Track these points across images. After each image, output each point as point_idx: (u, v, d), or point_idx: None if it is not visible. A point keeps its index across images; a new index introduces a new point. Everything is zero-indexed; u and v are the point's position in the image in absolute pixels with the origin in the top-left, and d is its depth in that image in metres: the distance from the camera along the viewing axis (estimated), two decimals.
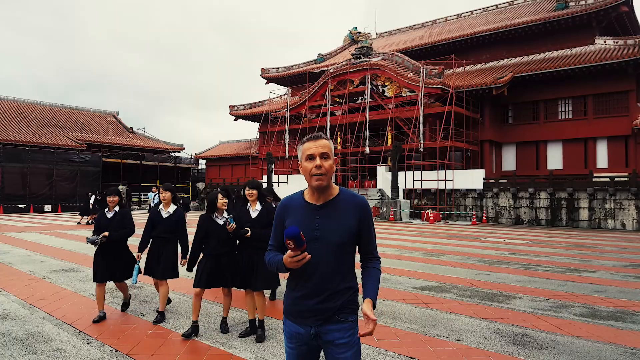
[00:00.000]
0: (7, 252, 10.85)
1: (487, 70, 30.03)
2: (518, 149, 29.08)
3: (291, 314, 2.07)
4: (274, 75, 43.29)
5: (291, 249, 1.86)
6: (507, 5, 37.22)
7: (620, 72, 24.68)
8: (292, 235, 1.82)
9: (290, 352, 2.10)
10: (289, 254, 1.88)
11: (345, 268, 2.04)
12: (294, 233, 1.82)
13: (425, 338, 4.58)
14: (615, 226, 21.61)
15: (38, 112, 46.03)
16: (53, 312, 5.44)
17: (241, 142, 49.41)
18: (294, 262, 1.88)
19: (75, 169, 35.37)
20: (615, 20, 28.42)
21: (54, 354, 4.08)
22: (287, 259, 1.89)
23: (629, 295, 6.66)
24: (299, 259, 1.87)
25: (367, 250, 2.12)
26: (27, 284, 7.05)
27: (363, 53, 31.91)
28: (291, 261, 1.88)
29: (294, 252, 1.86)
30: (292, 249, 1.85)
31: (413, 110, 26.82)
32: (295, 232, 1.82)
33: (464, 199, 26.28)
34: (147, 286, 6.94)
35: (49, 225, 19.98)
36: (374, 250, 2.14)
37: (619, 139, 25.52)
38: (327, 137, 2.09)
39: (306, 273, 1.99)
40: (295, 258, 1.87)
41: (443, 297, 6.40)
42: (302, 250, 1.86)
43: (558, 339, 4.59)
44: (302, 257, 1.87)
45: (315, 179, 1.99)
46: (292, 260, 1.88)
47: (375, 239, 2.15)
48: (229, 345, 4.33)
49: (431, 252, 11.57)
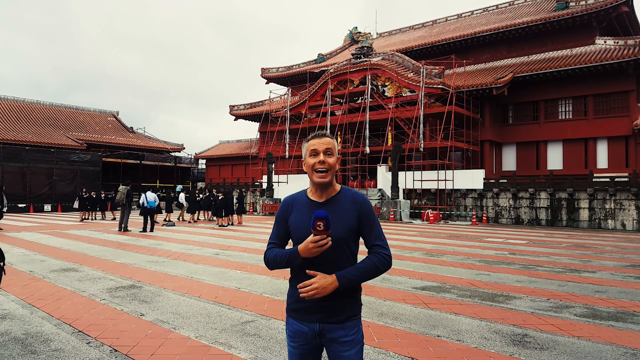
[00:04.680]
0: (7, 251, 10.83)
1: (487, 70, 30.03)
2: (518, 149, 29.07)
3: (294, 311, 2.07)
4: (274, 75, 43.29)
5: (318, 233, 1.87)
6: (507, 5, 37.22)
7: (620, 72, 24.68)
8: (323, 216, 1.85)
9: (293, 351, 2.09)
10: (314, 239, 1.88)
11: (348, 264, 2.03)
12: (325, 214, 1.85)
13: (425, 338, 4.57)
14: (615, 226, 21.60)
15: (38, 111, 46.04)
16: (52, 312, 5.42)
17: (241, 142, 49.40)
18: (316, 247, 1.88)
19: (75, 169, 35.37)
20: (616, 20, 28.42)
21: (53, 353, 4.07)
22: (309, 245, 1.89)
23: (630, 296, 6.65)
24: (323, 244, 1.88)
25: (370, 244, 2.09)
26: (26, 284, 7.04)
27: (363, 53, 31.92)
28: (314, 246, 1.88)
29: (320, 235, 1.87)
30: (320, 232, 1.87)
31: (413, 110, 26.81)
32: (326, 214, 1.85)
33: (464, 199, 26.28)
34: (146, 286, 6.93)
35: (49, 225, 19.98)
36: (375, 245, 2.05)
37: (619, 139, 25.52)
38: (331, 135, 2.11)
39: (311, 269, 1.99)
40: (321, 242, 1.87)
41: (443, 298, 6.39)
42: (328, 234, 1.88)
43: (558, 340, 4.58)
44: (326, 241, 1.88)
45: (318, 175, 2.02)
46: (316, 245, 1.88)
47: (383, 234, 2.08)
48: (228, 345, 4.31)
49: (431, 252, 11.56)
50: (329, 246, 1.90)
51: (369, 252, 2.07)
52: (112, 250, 11.23)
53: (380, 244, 2.04)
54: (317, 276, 1.95)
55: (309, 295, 1.92)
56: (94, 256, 10.15)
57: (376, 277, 2.06)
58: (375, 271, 2.01)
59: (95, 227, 18.63)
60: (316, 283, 1.92)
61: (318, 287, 1.92)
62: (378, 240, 2.05)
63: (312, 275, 1.97)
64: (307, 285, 1.94)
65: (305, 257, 1.94)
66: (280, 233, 2.13)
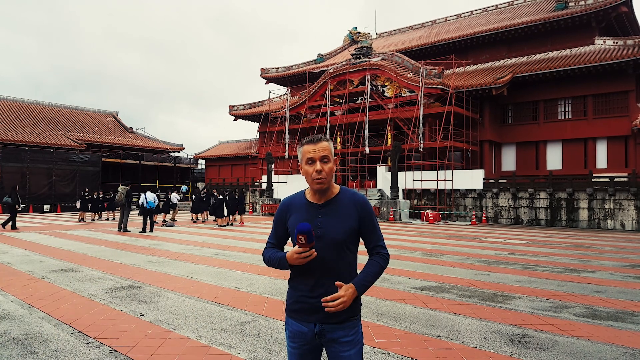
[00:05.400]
0: (6, 252, 10.84)
1: (486, 70, 30.04)
2: (518, 149, 29.08)
3: (294, 312, 2.08)
4: (273, 75, 43.29)
5: (301, 245, 1.88)
6: (506, 5, 37.24)
7: (619, 72, 24.70)
8: (304, 231, 1.85)
9: (293, 352, 2.10)
10: (297, 250, 1.90)
11: (348, 264, 2.05)
12: (306, 228, 1.85)
13: (425, 338, 4.57)
14: (614, 226, 21.61)
15: (37, 111, 46.00)
16: (52, 312, 5.42)
17: (241, 142, 49.40)
18: (300, 258, 1.90)
19: (75, 169, 35.34)
20: (615, 20, 28.44)
21: (53, 354, 4.07)
22: (294, 255, 1.91)
23: (629, 296, 6.65)
24: (306, 256, 1.90)
25: (371, 245, 2.12)
26: (25, 284, 7.04)
27: (363, 53, 31.92)
28: (297, 257, 1.91)
29: (303, 248, 1.88)
30: (302, 245, 1.87)
31: (413, 111, 26.82)
32: (307, 228, 1.86)
33: (463, 199, 26.28)
34: (146, 286, 6.93)
35: (48, 225, 19.96)
36: (377, 246, 2.12)
37: (618, 139, 25.54)
38: (327, 138, 2.11)
39: (309, 270, 2.00)
40: (303, 254, 1.89)
41: (443, 298, 6.39)
42: (311, 247, 1.89)
43: (558, 340, 4.58)
44: (309, 253, 1.90)
45: (316, 182, 2.03)
46: (299, 256, 1.90)
47: (381, 234, 2.15)
48: (228, 345, 4.31)
49: (431, 252, 11.57)
50: (313, 257, 1.92)
51: (371, 253, 2.10)
52: (112, 251, 11.23)
53: (382, 245, 2.13)
54: (342, 288, 1.95)
55: (337, 309, 1.93)
56: (93, 256, 10.14)
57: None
58: (381, 271, 2.09)
59: (95, 228, 18.62)
60: (345, 297, 1.93)
61: (346, 300, 1.94)
62: (379, 241, 2.12)
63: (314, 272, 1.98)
64: (335, 299, 1.93)
65: (293, 264, 1.98)
66: (279, 234, 2.16)
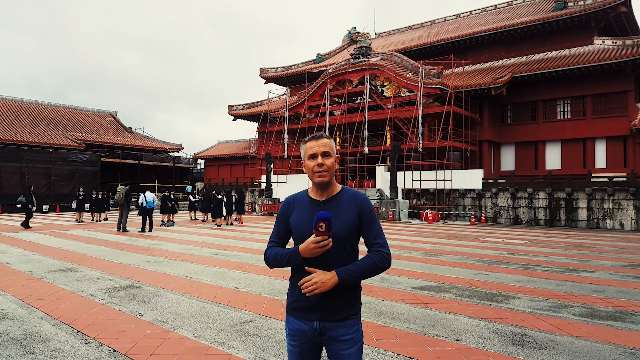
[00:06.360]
0: (5, 251, 10.83)
1: (485, 70, 30.06)
2: (517, 149, 29.11)
3: (295, 310, 2.08)
4: (272, 75, 43.28)
5: (319, 234, 1.90)
6: (505, 5, 37.27)
7: (618, 72, 24.73)
8: (325, 218, 1.88)
9: (293, 350, 2.10)
10: (314, 240, 1.92)
11: (349, 262, 2.05)
12: (327, 216, 1.88)
13: (424, 338, 4.57)
14: (613, 226, 21.64)
15: (36, 111, 45.96)
16: (51, 312, 5.42)
17: (240, 142, 49.39)
18: (317, 247, 1.92)
19: (74, 169, 35.31)
20: (614, 20, 28.47)
21: (52, 354, 4.07)
22: (310, 245, 1.93)
23: (628, 295, 6.66)
24: (325, 245, 1.92)
25: (371, 242, 2.10)
26: (25, 284, 7.03)
27: (362, 53, 31.91)
28: (315, 246, 1.92)
29: (322, 236, 1.90)
30: (321, 233, 1.90)
31: (412, 110, 26.83)
32: (328, 215, 1.89)
33: (462, 199, 26.30)
34: (145, 286, 6.93)
35: (47, 225, 19.94)
36: (375, 244, 2.06)
37: (617, 139, 25.57)
38: (328, 135, 2.15)
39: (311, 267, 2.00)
40: (322, 243, 1.91)
41: (442, 297, 6.39)
42: (329, 235, 1.92)
43: (557, 339, 4.59)
44: (327, 242, 1.92)
45: (317, 175, 2.07)
46: (316, 245, 1.92)
47: (382, 233, 2.10)
48: (227, 345, 4.31)
49: (430, 252, 11.57)
50: (329, 247, 1.94)
51: (369, 251, 2.08)
52: (111, 250, 11.22)
53: (380, 243, 2.06)
54: (316, 272, 1.97)
55: (309, 290, 1.94)
56: (92, 256, 10.13)
57: (376, 275, 2.08)
58: (374, 269, 2.02)
59: (94, 228, 18.61)
60: (315, 277, 1.95)
61: (318, 281, 1.94)
62: (378, 238, 2.07)
63: (311, 272, 1.99)
64: (308, 281, 1.96)
65: (306, 257, 1.97)
66: (281, 232, 2.16)
